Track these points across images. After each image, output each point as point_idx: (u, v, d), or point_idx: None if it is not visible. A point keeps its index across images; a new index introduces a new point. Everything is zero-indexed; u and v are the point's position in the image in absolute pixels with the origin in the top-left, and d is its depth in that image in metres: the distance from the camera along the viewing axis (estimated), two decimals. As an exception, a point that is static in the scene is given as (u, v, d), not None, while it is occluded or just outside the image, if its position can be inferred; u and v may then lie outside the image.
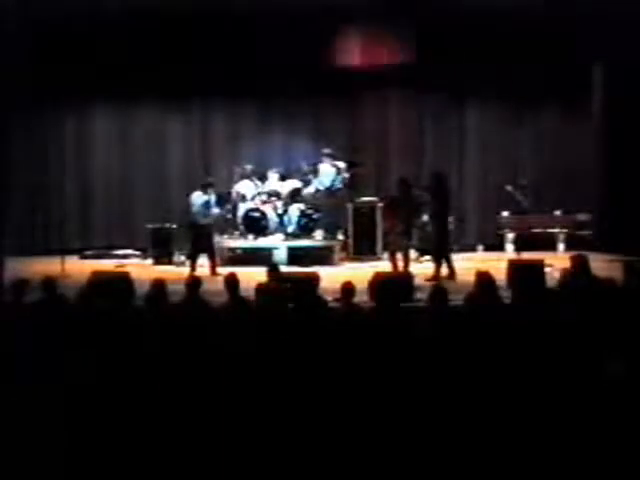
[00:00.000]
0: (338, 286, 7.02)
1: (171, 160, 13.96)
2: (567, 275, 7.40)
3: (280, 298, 6.96)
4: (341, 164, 12.77)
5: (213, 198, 11.65)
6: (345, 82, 13.12)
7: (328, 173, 12.81)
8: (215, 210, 11.67)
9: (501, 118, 13.68)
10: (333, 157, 12.82)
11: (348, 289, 6.93)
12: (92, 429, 5.21)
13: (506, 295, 7.27)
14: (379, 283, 8.21)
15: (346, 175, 12.80)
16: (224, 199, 12.16)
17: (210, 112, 13.89)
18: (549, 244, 12.53)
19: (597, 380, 5.42)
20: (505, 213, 12.95)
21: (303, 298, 6.88)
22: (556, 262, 10.08)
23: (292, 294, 6.99)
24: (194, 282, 7.11)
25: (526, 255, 11.16)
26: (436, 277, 10.34)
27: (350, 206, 13.00)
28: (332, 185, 12.84)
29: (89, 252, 13.10)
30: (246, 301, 7.01)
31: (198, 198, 11.62)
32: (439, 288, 6.70)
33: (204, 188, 11.64)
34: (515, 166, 13.32)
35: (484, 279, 6.81)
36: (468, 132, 13.82)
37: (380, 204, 12.57)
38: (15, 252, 11.60)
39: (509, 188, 12.32)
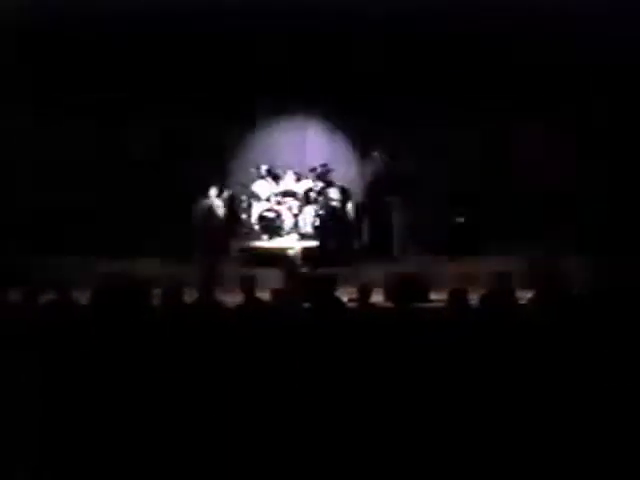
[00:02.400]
0: (355, 287, 7.00)
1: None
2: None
3: (297, 299, 7.02)
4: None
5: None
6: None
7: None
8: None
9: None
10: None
11: (365, 290, 6.87)
12: (103, 429, 5.26)
13: (523, 296, 7.18)
14: (395, 284, 8.11)
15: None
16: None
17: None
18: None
19: (617, 384, 5.38)
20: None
21: (321, 299, 6.87)
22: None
23: (309, 295, 7.05)
24: (208, 282, 7.03)
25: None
26: None
27: (362, 206, 12.85)
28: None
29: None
30: (262, 302, 7.00)
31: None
32: (458, 289, 6.65)
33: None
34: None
35: (501, 280, 6.71)
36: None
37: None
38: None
39: None
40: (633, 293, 6.54)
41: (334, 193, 12.82)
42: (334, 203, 12.78)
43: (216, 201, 11.97)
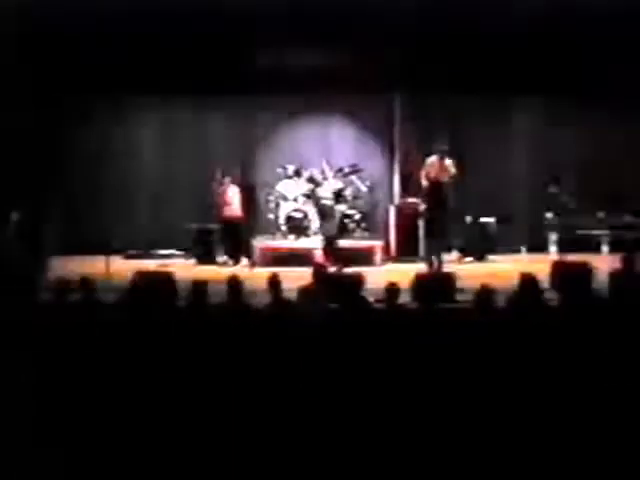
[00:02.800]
0: (381, 287, 7.00)
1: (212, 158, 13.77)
2: (617, 277, 7.18)
3: (323, 299, 6.98)
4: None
5: None
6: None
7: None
8: None
9: (547, 118, 13.45)
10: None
11: (392, 290, 6.89)
12: (126, 429, 5.31)
13: (550, 297, 7.17)
14: (421, 284, 8.08)
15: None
16: None
17: (251, 111, 13.73)
18: (593, 246, 12.24)
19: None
20: (549, 214, 12.73)
21: (347, 299, 6.86)
22: (600, 264, 9.87)
23: (335, 295, 6.99)
24: (235, 283, 7.03)
25: (570, 257, 11.06)
26: None
27: (392, 207, 12.82)
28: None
29: (132, 252, 12.99)
30: (289, 302, 7.03)
31: None
32: (485, 289, 6.62)
33: None
34: (559, 166, 13.09)
35: (527, 281, 6.72)
36: (514, 133, 13.58)
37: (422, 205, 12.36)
38: (60, 251, 11.67)
39: (553, 189, 12.11)
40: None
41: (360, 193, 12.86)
42: (359, 202, 12.75)
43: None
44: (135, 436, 5.27)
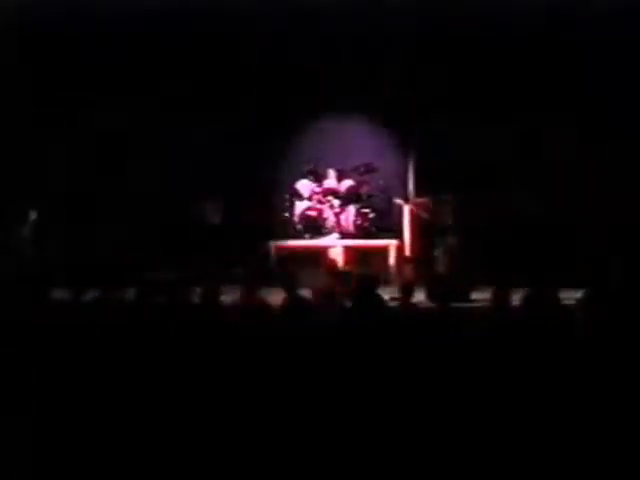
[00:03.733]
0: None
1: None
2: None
3: (338, 298, 7.04)
4: None
5: None
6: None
7: None
8: None
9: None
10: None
11: (407, 289, 6.93)
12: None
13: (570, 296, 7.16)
14: (435, 283, 8.07)
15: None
16: None
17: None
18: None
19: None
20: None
21: (363, 297, 6.86)
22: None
23: (351, 293, 7.02)
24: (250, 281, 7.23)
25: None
26: None
27: (407, 207, 12.74)
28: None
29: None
30: (305, 301, 7.09)
31: None
32: (501, 288, 6.66)
33: None
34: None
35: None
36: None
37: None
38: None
39: None
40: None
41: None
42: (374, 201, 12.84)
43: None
44: (143, 436, 5.27)
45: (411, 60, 12.87)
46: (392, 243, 12.54)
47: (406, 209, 12.52)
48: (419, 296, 7.59)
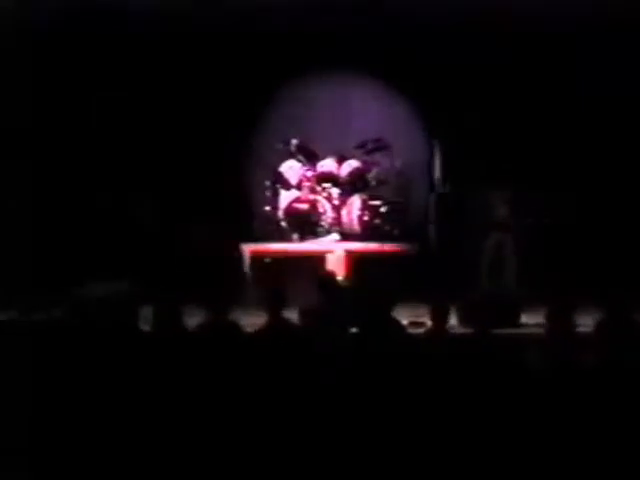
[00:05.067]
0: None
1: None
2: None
3: (338, 322, 7.24)
4: None
5: None
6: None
7: None
8: None
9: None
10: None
11: (436, 311, 7.06)
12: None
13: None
14: (474, 304, 8.17)
15: None
16: None
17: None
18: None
19: None
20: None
21: (372, 321, 7.01)
22: None
23: (356, 316, 7.26)
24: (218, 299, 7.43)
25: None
26: None
27: (432, 197, 12.88)
28: None
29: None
30: (290, 325, 7.25)
31: None
32: (561, 309, 6.84)
33: None
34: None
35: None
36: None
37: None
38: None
39: None
40: None
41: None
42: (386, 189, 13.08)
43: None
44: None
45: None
46: (411, 247, 12.70)
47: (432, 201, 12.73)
48: (451, 319, 7.61)
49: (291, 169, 13.17)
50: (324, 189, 12.97)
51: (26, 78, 12.81)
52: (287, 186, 13.09)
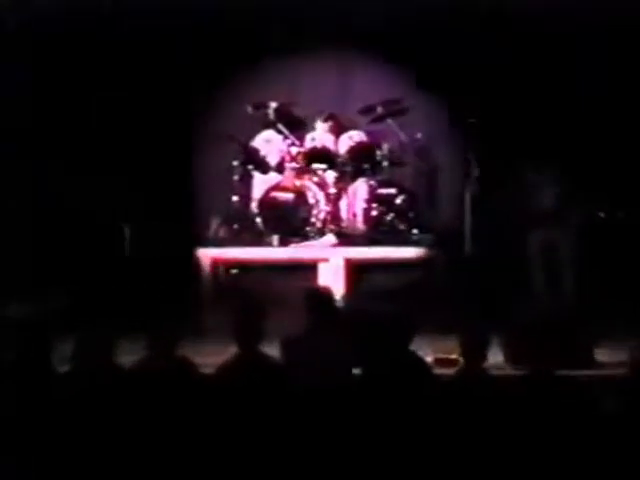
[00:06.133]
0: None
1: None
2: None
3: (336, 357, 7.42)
4: None
5: None
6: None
7: None
8: None
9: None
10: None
11: (471, 344, 7.08)
12: None
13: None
14: (527, 334, 8.19)
15: None
16: None
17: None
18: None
19: None
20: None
21: (383, 359, 7.12)
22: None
23: (360, 351, 7.38)
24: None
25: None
26: None
27: (467, 184, 12.84)
28: None
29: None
30: (267, 361, 7.33)
31: None
32: None
33: None
34: None
35: None
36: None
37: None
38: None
39: None
40: None
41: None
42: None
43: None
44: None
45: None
46: (435, 254, 12.64)
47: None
48: (493, 356, 7.73)
49: (269, 144, 13.24)
50: (315, 172, 12.97)
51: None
52: (263, 168, 13.13)
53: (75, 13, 13.77)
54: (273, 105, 13.18)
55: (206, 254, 12.60)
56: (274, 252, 12.73)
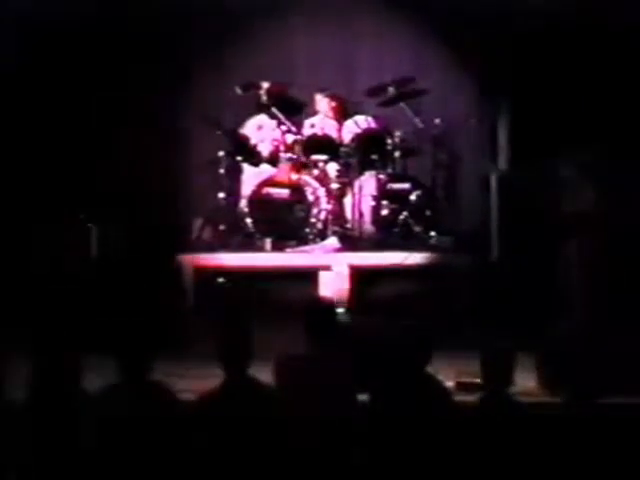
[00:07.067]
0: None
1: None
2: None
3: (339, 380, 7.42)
4: None
5: None
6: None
7: None
8: None
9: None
10: None
11: (498, 366, 7.13)
12: None
13: None
14: (564, 355, 8.28)
15: None
16: None
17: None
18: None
19: None
20: None
21: (395, 383, 7.16)
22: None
23: (368, 374, 7.42)
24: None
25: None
26: None
27: (494, 178, 12.88)
28: None
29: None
30: (260, 387, 7.32)
31: None
32: None
33: None
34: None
35: None
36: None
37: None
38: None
39: None
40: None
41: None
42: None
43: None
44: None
45: None
46: (457, 259, 12.74)
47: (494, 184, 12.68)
48: (523, 380, 7.89)
49: (260, 131, 13.35)
50: (315, 164, 13.06)
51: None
52: (254, 159, 13.21)
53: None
54: (265, 85, 13.26)
55: (188, 260, 12.65)
56: (267, 258, 12.81)
